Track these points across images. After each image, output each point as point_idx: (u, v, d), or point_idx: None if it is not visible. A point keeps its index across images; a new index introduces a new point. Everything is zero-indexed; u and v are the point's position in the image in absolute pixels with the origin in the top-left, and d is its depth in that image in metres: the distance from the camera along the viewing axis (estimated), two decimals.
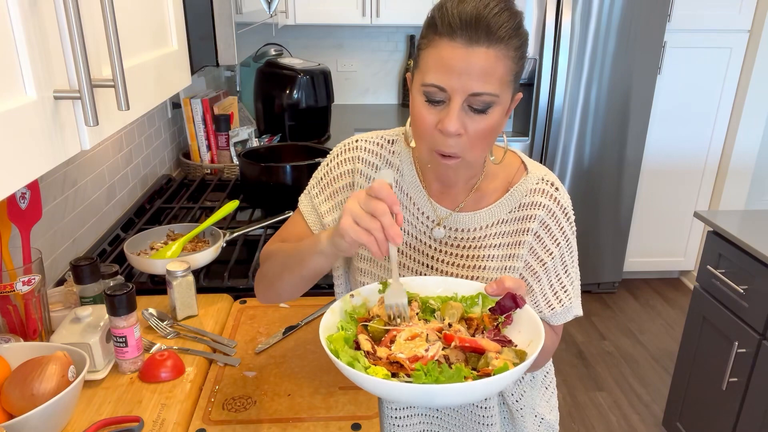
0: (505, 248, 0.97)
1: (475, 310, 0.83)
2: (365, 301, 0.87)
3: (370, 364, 0.73)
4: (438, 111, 0.83)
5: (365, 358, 0.73)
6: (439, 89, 0.82)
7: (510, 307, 0.79)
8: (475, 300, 0.84)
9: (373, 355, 0.75)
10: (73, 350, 0.94)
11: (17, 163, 0.54)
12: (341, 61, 3.47)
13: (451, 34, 0.80)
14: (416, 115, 0.86)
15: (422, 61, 0.85)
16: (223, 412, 0.97)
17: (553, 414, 1.11)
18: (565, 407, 2.53)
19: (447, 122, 0.81)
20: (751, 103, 3.11)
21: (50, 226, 1.33)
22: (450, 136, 0.83)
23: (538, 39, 2.88)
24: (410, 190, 1.00)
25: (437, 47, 0.81)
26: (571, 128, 3.05)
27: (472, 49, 0.79)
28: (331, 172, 1.03)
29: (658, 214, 3.38)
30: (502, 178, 0.99)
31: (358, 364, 0.71)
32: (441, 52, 0.81)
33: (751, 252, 1.75)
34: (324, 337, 0.76)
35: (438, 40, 0.81)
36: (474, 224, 0.98)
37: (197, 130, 2.24)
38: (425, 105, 0.84)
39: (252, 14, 1.66)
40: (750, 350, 1.78)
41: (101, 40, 0.64)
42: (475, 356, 0.75)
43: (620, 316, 3.25)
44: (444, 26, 0.80)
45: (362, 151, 1.02)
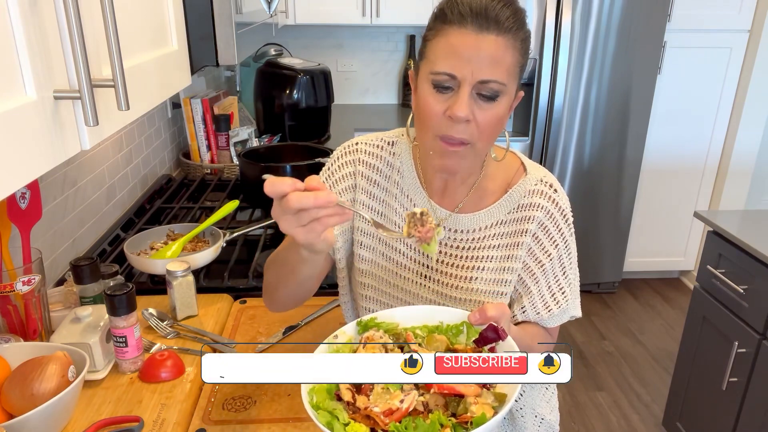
0: (504, 249, 0.97)
1: (461, 339, 0.82)
2: (350, 339, 0.83)
3: (349, 418, 0.70)
4: (446, 98, 0.84)
5: (344, 412, 0.71)
6: (450, 77, 0.82)
7: (493, 339, 0.77)
8: (459, 328, 0.83)
9: (353, 405, 0.72)
10: (73, 350, 0.94)
11: (17, 163, 0.54)
12: (341, 61, 3.47)
13: (462, 21, 0.81)
14: (423, 103, 0.86)
15: (430, 51, 0.86)
16: (223, 412, 0.97)
17: (553, 414, 1.11)
18: (565, 407, 2.53)
19: (457, 108, 0.82)
20: (751, 103, 3.11)
21: (50, 226, 1.33)
22: (459, 122, 0.83)
23: (538, 39, 2.88)
24: (410, 191, 1.00)
25: (447, 35, 0.83)
26: (571, 128, 3.05)
27: (483, 36, 0.81)
28: (332, 176, 1.03)
29: (658, 214, 3.38)
30: (501, 178, 0.99)
31: (338, 422, 0.69)
32: (451, 39, 0.82)
33: (751, 252, 1.75)
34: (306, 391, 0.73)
35: (448, 28, 0.83)
36: (473, 225, 0.98)
37: (197, 130, 2.24)
38: (433, 93, 0.85)
39: (252, 14, 1.66)
40: (750, 350, 1.78)
41: (101, 40, 0.64)
42: (455, 400, 0.73)
43: (620, 316, 3.25)
44: (454, 15, 0.82)
45: (363, 153, 1.02)
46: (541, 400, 1.09)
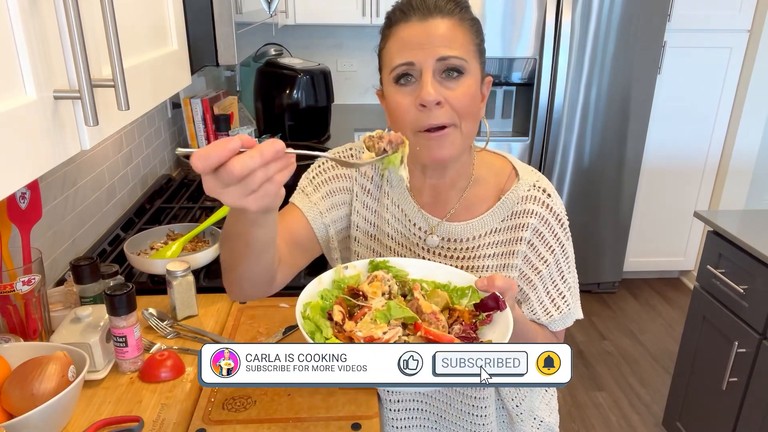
0: (499, 258, 0.96)
1: (463, 301, 0.84)
2: (359, 273, 0.87)
3: (332, 335, 0.74)
4: (412, 90, 0.85)
5: (329, 329, 0.75)
6: (408, 65, 0.84)
7: (491, 307, 0.80)
8: (465, 291, 0.85)
9: (340, 326, 0.76)
10: (73, 350, 0.94)
11: (17, 163, 0.54)
12: (341, 61, 3.47)
13: (405, 17, 0.85)
14: (393, 104, 0.87)
15: (385, 56, 0.88)
16: (223, 412, 0.97)
17: (553, 417, 1.10)
18: (565, 407, 2.53)
19: (424, 93, 0.82)
20: (751, 103, 3.11)
21: (50, 226, 1.33)
22: (431, 107, 0.83)
23: (538, 39, 2.88)
24: (400, 201, 1.00)
25: (395, 34, 0.86)
26: (571, 128, 3.05)
27: (428, 21, 0.83)
28: (324, 173, 1.01)
29: (658, 214, 3.38)
30: (493, 184, 0.97)
31: (320, 334, 0.73)
32: (399, 35, 0.85)
33: (751, 252, 1.75)
34: (301, 302, 0.77)
35: (394, 29, 0.86)
36: (467, 234, 0.97)
37: (197, 130, 2.24)
38: (399, 90, 0.86)
39: (252, 14, 1.66)
40: (750, 350, 1.78)
41: (101, 40, 0.64)
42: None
43: (620, 316, 3.25)
44: (397, 15, 0.86)
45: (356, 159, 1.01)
46: (541, 402, 1.08)
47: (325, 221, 0.99)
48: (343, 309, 0.79)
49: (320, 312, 0.78)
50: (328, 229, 1.00)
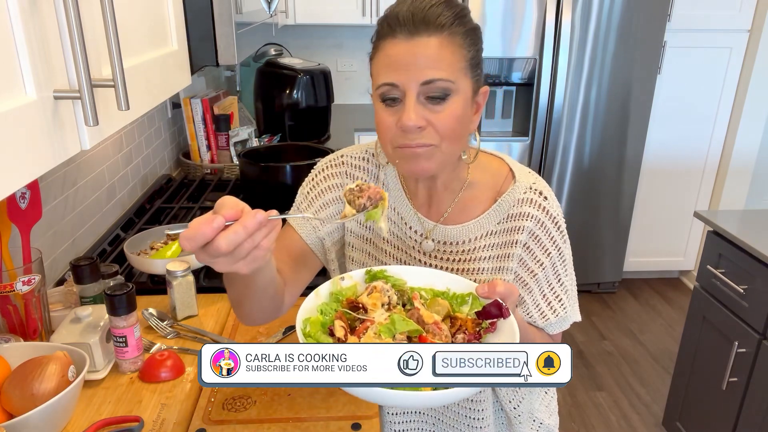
0: (495, 261, 0.95)
1: (464, 309, 0.82)
2: (356, 284, 0.86)
3: None
4: (396, 110, 0.83)
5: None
6: (391, 86, 0.82)
7: (495, 315, 0.78)
8: (465, 299, 0.83)
9: (342, 343, 0.74)
10: (73, 350, 0.94)
11: (17, 163, 0.54)
12: (341, 61, 3.47)
13: (392, 33, 0.82)
14: (377, 119, 0.86)
15: (373, 69, 0.86)
16: (223, 412, 0.97)
17: (552, 419, 1.09)
18: (565, 407, 2.53)
19: (405, 117, 0.81)
20: (751, 103, 3.11)
21: (50, 226, 1.33)
22: (410, 131, 0.82)
23: (538, 39, 2.88)
24: (396, 203, 0.99)
25: (383, 49, 0.83)
26: (571, 128, 3.05)
27: (414, 41, 0.81)
28: (318, 186, 1.01)
29: (658, 214, 3.38)
30: (489, 186, 0.97)
31: None
32: (386, 51, 0.83)
33: (751, 252, 1.75)
34: (301, 318, 0.76)
35: (382, 42, 0.84)
36: (463, 237, 0.96)
37: (197, 130, 2.24)
38: (383, 107, 0.85)
39: (252, 14, 1.66)
40: (750, 350, 1.78)
41: (101, 40, 0.64)
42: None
43: (620, 316, 3.25)
44: (385, 29, 0.83)
45: (349, 166, 1.01)
46: (540, 404, 1.07)
47: (319, 235, 1.00)
48: (344, 324, 0.77)
49: (321, 328, 0.76)
50: (324, 242, 1.00)
